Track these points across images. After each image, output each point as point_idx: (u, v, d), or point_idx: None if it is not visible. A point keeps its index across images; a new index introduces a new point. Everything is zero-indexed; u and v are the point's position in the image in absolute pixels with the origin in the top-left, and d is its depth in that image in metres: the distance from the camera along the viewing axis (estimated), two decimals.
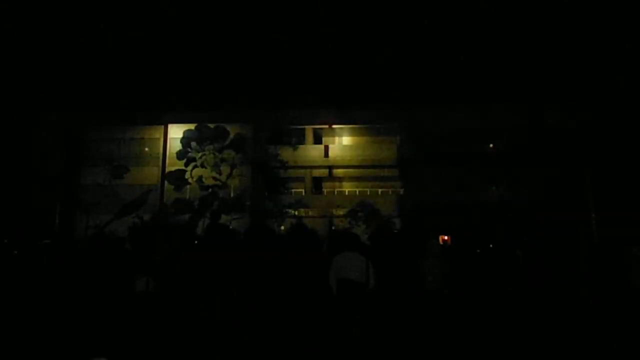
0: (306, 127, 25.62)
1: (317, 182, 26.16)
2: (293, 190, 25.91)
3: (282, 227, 22.15)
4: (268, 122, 25.05)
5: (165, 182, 24.66)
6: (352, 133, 26.44)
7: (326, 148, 25.32)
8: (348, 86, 21.25)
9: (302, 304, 6.50)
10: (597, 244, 14.40)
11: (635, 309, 6.34)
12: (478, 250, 11.97)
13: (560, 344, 6.10)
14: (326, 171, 25.62)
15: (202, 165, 24.49)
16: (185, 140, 24.81)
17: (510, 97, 22.68)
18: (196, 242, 9.83)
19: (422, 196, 23.30)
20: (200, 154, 24.58)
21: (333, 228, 23.00)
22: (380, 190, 25.52)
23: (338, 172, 25.68)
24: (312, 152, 25.16)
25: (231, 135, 24.77)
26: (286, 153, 24.66)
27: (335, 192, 26.14)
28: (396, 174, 24.92)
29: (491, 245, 13.13)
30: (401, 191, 24.47)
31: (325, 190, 26.30)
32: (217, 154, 24.55)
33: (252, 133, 24.94)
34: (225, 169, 24.45)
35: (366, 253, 6.57)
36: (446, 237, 14.25)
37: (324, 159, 24.94)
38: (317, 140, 26.13)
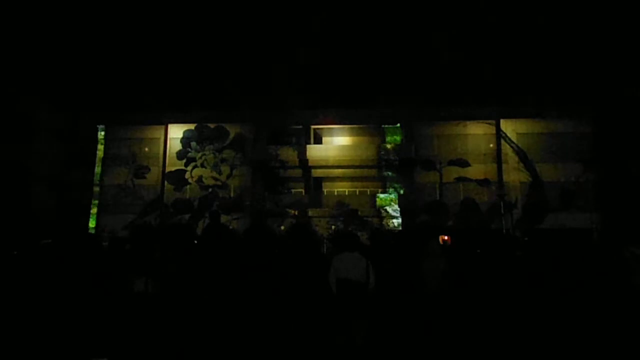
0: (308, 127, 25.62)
1: (317, 182, 26.13)
2: (293, 190, 25.93)
3: (282, 227, 22.20)
4: (268, 122, 25.09)
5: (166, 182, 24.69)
6: (352, 133, 26.42)
7: (314, 148, 25.36)
8: (348, 86, 21.22)
9: (302, 304, 6.49)
10: (597, 244, 14.40)
11: (635, 309, 6.33)
12: (478, 250, 11.96)
13: (560, 344, 6.09)
14: (326, 171, 25.60)
15: (202, 165, 24.51)
16: (185, 140, 24.84)
17: (512, 99, 22.64)
18: (196, 242, 9.82)
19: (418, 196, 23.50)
20: (200, 154, 24.60)
21: (333, 227, 23.07)
22: (380, 190, 25.50)
23: (337, 172, 25.65)
24: (312, 152, 25.13)
25: (231, 135, 24.80)
26: (286, 153, 24.69)
27: (336, 192, 26.12)
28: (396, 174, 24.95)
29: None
30: (401, 191, 24.47)
31: (325, 191, 26.28)
32: (217, 154, 24.58)
33: (253, 133, 24.97)
34: (225, 169, 24.47)
35: (366, 253, 6.56)
36: (446, 237, 14.23)
37: (324, 159, 24.91)
38: (317, 140, 26.12)
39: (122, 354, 5.27)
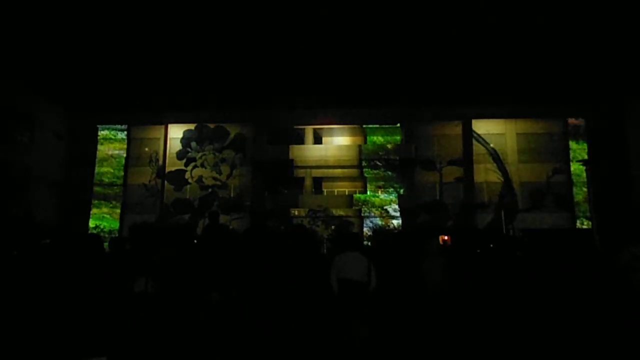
0: (306, 127, 25.63)
1: (317, 182, 26.16)
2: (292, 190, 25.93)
3: (282, 227, 22.21)
4: (268, 122, 25.12)
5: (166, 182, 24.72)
6: (352, 133, 26.44)
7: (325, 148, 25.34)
8: (348, 86, 21.21)
9: (302, 304, 6.49)
10: (597, 245, 14.41)
11: (635, 309, 6.33)
12: (478, 250, 11.97)
13: (561, 344, 6.09)
14: (327, 171, 25.62)
15: (202, 165, 24.53)
16: (185, 140, 24.87)
17: (513, 99, 22.66)
18: (195, 242, 9.84)
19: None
20: (200, 154, 24.63)
21: (333, 227, 23.11)
22: (380, 190, 25.50)
23: (337, 172, 25.67)
24: (312, 152, 25.14)
25: (231, 135, 24.83)
26: (285, 153, 24.72)
27: (336, 192, 26.14)
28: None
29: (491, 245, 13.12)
30: (401, 191, 24.51)
31: (325, 191, 26.29)
32: (217, 154, 24.60)
33: (253, 133, 25.02)
34: (225, 168, 24.49)
35: (368, 253, 6.57)
36: (446, 237, 14.24)
37: (324, 159, 24.91)
38: (317, 140, 26.14)
39: (122, 353, 5.27)
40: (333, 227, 23.11)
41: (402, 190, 24.42)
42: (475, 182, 23.56)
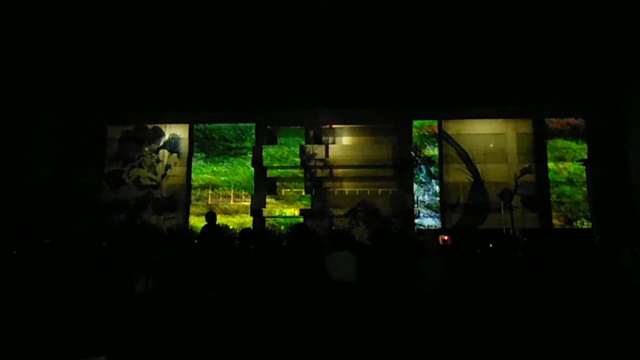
0: (343, 126, 25.66)
1: (317, 182, 26.09)
2: (293, 190, 25.86)
3: (282, 228, 22.19)
4: (268, 122, 25.12)
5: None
6: (352, 133, 26.40)
7: (326, 148, 25.22)
8: (348, 86, 21.22)
9: (301, 305, 6.49)
10: (597, 244, 14.41)
11: (635, 310, 6.33)
12: (478, 250, 11.96)
13: (560, 345, 6.09)
14: (327, 171, 25.56)
15: (140, 166, 24.58)
16: (123, 140, 25.00)
17: (512, 99, 22.66)
18: (195, 241, 9.85)
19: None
20: (138, 155, 24.68)
21: (333, 228, 23.03)
22: (380, 190, 25.45)
23: (338, 172, 25.61)
24: (346, 151, 25.06)
25: (166, 137, 25.02)
26: (283, 152, 24.72)
27: (336, 192, 26.08)
28: (396, 174, 24.94)
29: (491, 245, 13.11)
30: (401, 191, 24.47)
31: (357, 190, 26.15)
32: (153, 154, 24.70)
33: (187, 134, 24.91)
34: (160, 169, 24.49)
35: (359, 252, 6.50)
36: (446, 237, 14.26)
37: (325, 158, 24.83)
38: (317, 140, 26.08)
39: (122, 353, 5.27)
40: (333, 227, 23.01)
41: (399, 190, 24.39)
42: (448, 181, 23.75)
